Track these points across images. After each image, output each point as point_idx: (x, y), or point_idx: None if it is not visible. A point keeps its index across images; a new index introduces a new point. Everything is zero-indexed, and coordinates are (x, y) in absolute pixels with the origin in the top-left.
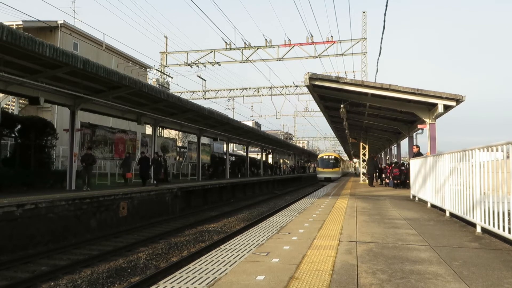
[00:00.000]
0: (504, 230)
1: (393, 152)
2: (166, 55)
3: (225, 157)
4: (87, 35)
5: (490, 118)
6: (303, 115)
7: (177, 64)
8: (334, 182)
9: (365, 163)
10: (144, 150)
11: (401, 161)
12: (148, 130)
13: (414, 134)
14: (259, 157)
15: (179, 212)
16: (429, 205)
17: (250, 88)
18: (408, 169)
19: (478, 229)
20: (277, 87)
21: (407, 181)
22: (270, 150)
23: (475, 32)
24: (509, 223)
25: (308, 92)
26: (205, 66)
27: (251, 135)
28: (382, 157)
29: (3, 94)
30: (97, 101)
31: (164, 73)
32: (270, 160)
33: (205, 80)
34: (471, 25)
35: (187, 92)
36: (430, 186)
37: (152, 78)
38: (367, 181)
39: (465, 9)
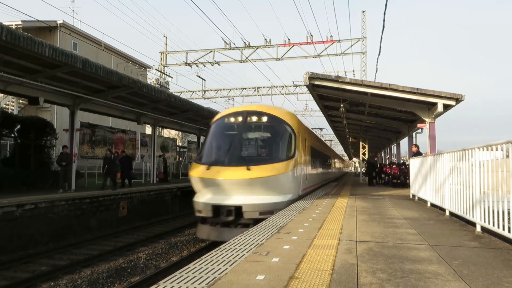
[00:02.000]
0: (504, 229)
1: (393, 152)
2: (166, 55)
3: None
4: (87, 35)
5: (490, 118)
6: (302, 114)
7: (176, 64)
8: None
9: (365, 162)
10: (142, 149)
11: (401, 161)
12: (148, 130)
13: (414, 133)
14: None
15: (179, 211)
16: (428, 204)
17: (249, 88)
18: (408, 169)
19: (478, 228)
20: (277, 87)
21: (407, 181)
22: None
23: (476, 31)
24: (509, 222)
25: (308, 91)
26: (204, 66)
27: None
28: (382, 157)
29: (2, 94)
30: (97, 101)
31: (163, 73)
32: None
33: (204, 80)
34: (471, 24)
35: (186, 91)
36: (429, 185)
37: (151, 78)
38: (367, 180)
39: (465, 9)
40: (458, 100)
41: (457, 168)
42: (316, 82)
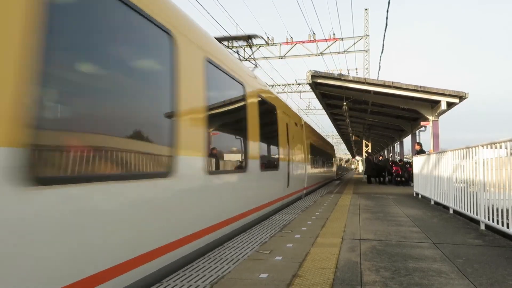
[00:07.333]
0: (508, 227)
1: (396, 150)
2: None
3: None
4: None
5: (494, 115)
6: (305, 113)
7: None
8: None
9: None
10: None
11: (404, 159)
12: None
13: (417, 131)
14: None
15: None
16: (432, 202)
17: None
18: (411, 167)
19: (482, 226)
20: (279, 85)
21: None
22: None
23: (481, 28)
24: None
25: (311, 90)
26: None
27: None
28: (385, 155)
29: None
30: None
31: None
32: None
33: None
34: (476, 22)
35: None
36: (433, 183)
37: None
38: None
39: (467, 7)
40: (461, 97)
41: (461, 166)
42: (319, 80)
